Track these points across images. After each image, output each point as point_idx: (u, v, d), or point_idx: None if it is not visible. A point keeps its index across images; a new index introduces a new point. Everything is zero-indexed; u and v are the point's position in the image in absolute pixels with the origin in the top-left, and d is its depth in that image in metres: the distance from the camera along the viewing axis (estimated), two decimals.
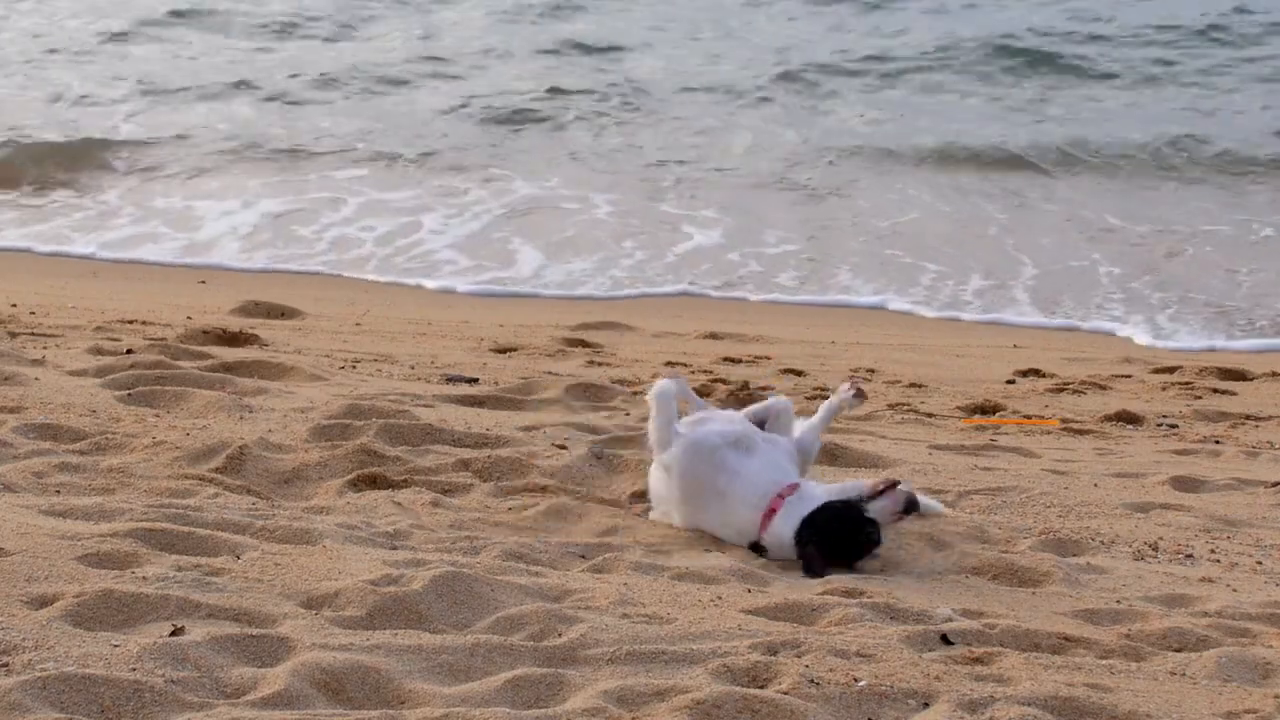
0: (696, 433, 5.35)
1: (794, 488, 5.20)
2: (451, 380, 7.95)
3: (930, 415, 7.93)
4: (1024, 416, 8.04)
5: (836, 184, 15.02)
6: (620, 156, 16.36)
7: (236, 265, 12.88)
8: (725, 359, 9.37)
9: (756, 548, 5.17)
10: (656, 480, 5.51)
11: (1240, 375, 9.61)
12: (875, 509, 5.07)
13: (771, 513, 5.13)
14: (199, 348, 8.08)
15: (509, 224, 14.01)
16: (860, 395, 5.63)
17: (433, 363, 8.58)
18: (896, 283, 12.08)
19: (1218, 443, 7.58)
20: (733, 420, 5.44)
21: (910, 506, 5.07)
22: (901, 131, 16.46)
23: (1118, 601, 4.79)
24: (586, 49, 20.12)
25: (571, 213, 14.36)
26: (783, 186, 15.05)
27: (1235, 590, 5.01)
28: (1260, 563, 5.40)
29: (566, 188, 15.19)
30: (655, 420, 5.39)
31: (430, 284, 12.28)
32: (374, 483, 5.75)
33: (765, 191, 14.92)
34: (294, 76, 19.34)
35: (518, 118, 17.79)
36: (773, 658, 4.00)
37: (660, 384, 5.43)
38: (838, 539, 5.03)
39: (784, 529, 5.09)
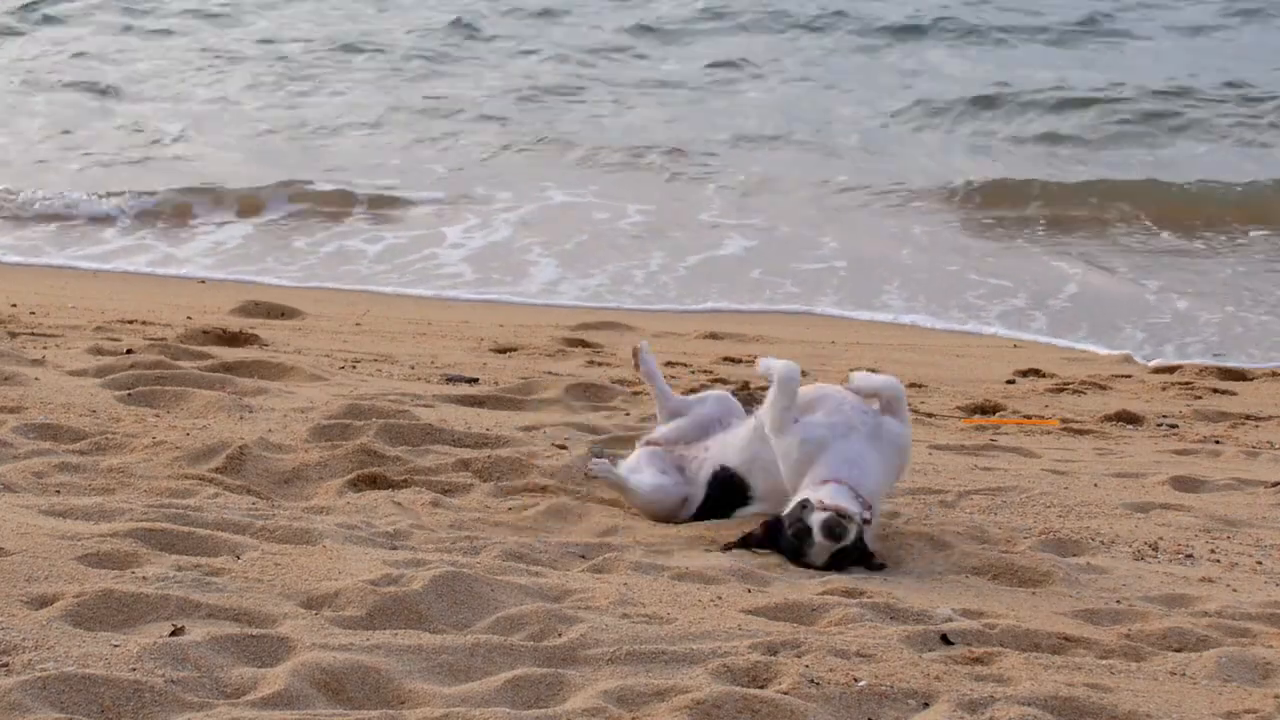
0: (811, 430, 5.29)
1: (837, 482, 5.15)
2: (451, 380, 7.95)
3: (930, 415, 7.93)
4: (1024, 416, 8.04)
5: (891, 204, 14.99)
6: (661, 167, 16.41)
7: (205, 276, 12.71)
8: (725, 359, 9.37)
9: None
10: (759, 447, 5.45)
11: (1240, 375, 9.61)
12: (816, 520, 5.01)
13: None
14: (199, 348, 8.09)
15: (530, 233, 14.00)
16: None
17: (433, 363, 8.58)
18: (934, 303, 11.99)
19: (1218, 443, 7.59)
20: (840, 406, 5.36)
21: (829, 531, 4.97)
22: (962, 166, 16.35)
23: (1118, 601, 4.79)
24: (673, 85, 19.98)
25: (600, 222, 14.37)
26: (835, 206, 15.03)
27: (1235, 590, 5.01)
28: (1260, 563, 5.40)
29: (597, 197, 15.22)
30: (777, 403, 5.33)
31: (427, 293, 12.24)
32: (374, 483, 5.75)
33: (810, 207, 14.87)
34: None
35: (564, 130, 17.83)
36: (773, 658, 4.00)
37: (787, 366, 5.37)
38: (782, 536, 5.06)
39: None
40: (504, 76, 20.52)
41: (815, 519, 4.97)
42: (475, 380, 7.96)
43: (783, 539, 5.06)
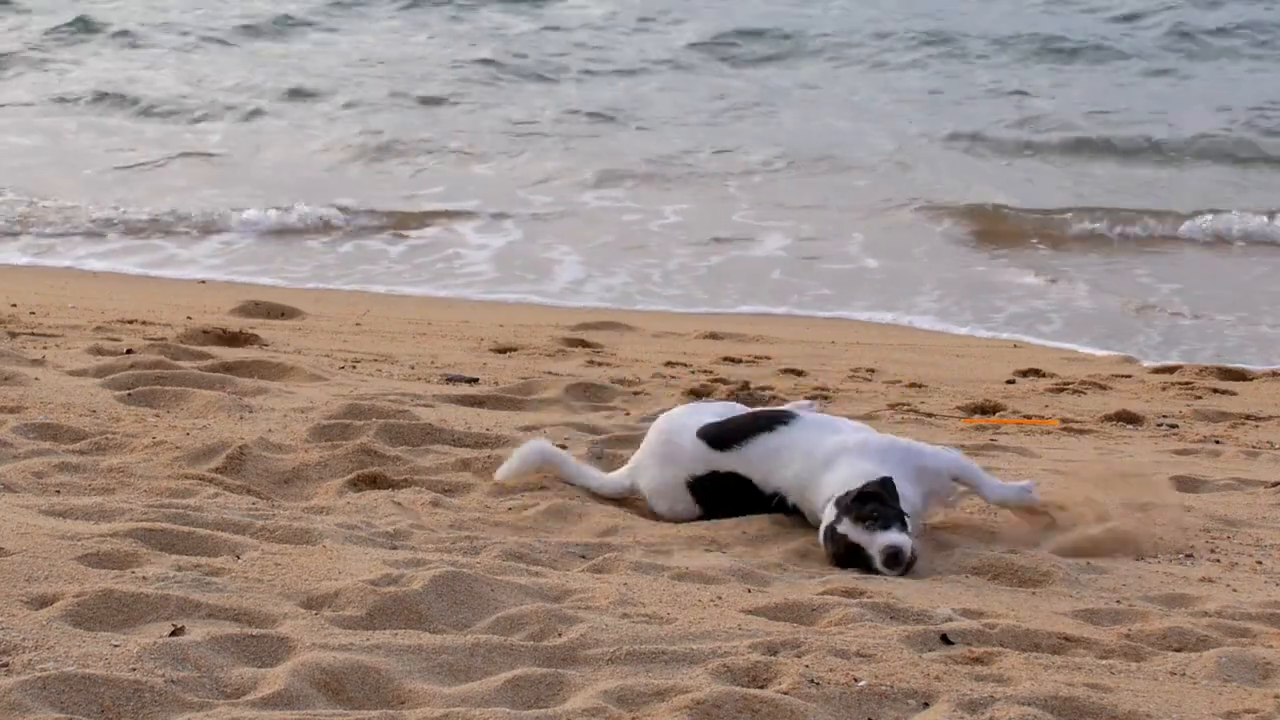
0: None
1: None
2: (451, 380, 7.95)
3: (930, 415, 7.92)
4: (1024, 416, 8.04)
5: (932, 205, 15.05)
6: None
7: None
8: (725, 359, 9.37)
9: None
10: None
11: (1240, 375, 9.60)
12: None
13: None
14: (199, 348, 8.08)
15: (553, 233, 14.05)
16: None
17: (433, 363, 8.58)
18: (947, 307, 11.97)
19: (1218, 443, 7.58)
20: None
21: (890, 562, 5.10)
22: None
23: (1118, 601, 4.79)
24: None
25: (632, 223, 14.43)
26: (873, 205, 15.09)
27: (1235, 590, 5.01)
28: (1260, 563, 5.40)
29: (632, 199, 15.28)
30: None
31: (441, 293, 12.23)
32: (374, 483, 5.75)
33: (840, 217, 14.89)
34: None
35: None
36: (773, 658, 4.00)
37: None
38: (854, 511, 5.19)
39: None
40: (565, 96, 20.46)
41: (881, 542, 5.03)
42: (475, 380, 7.96)
43: (851, 512, 5.09)
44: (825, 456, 5.41)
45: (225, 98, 20.00)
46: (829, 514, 5.17)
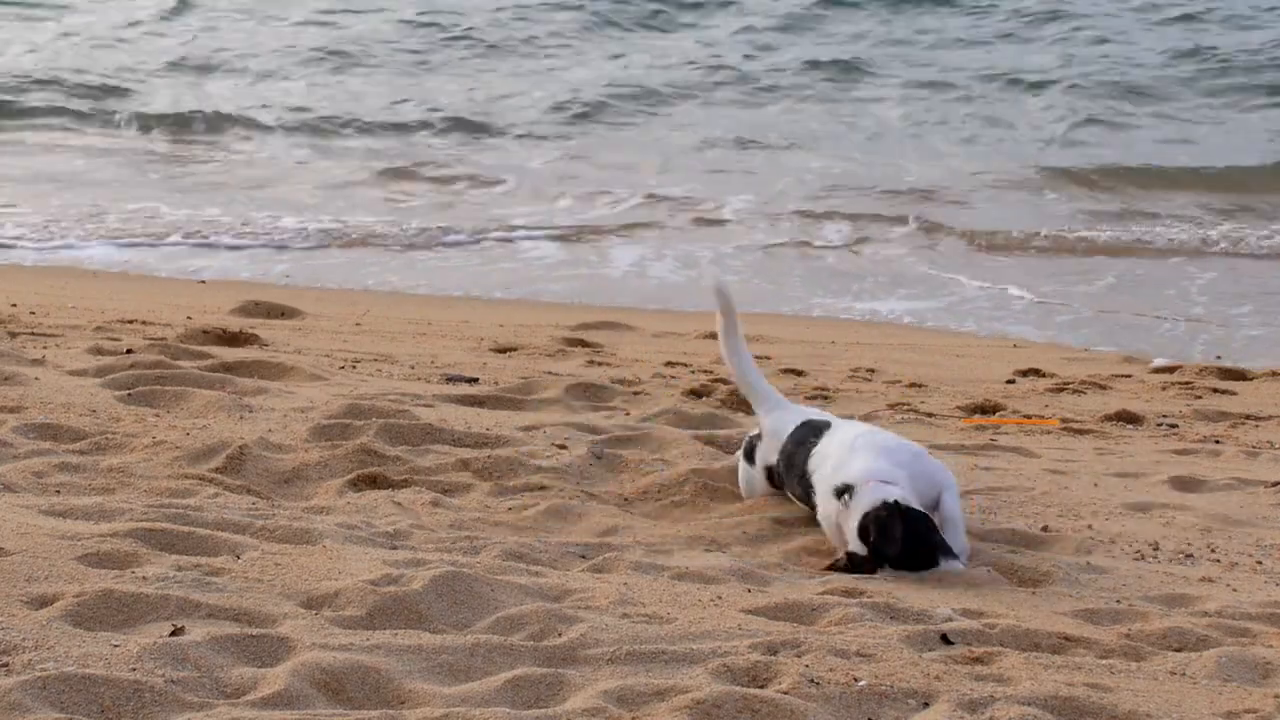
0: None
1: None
2: (451, 380, 7.95)
3: (930, 415, 7.93)
4: (1024, 416, 8.04)
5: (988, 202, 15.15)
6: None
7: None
8: None
9: None
10: None
11: (1240, 375, 9.60)
12: None
13: None
14: (199, 348, 8.09)
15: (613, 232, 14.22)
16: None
17: (433, 363, 8.58)
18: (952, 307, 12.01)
19: (1218, 443, 7.58)
20: None
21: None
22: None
23: (1118, 601, 4.80)
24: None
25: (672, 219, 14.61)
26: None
27: (1235, 590, 5.02)
28: (1260, 563, 5.40)
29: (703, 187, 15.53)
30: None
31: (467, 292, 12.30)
32: (374, 483, 5.75)
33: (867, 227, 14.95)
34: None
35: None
36: (773, 657, 4.00)
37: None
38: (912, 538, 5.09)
39: None
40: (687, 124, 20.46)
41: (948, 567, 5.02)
42: (475, 380, 7.96)
43: (910, 540, 5.00)
44: (848, 445, 5.40)
45: (294, 118, 20.04)
46: (857, 546, 5.06)
